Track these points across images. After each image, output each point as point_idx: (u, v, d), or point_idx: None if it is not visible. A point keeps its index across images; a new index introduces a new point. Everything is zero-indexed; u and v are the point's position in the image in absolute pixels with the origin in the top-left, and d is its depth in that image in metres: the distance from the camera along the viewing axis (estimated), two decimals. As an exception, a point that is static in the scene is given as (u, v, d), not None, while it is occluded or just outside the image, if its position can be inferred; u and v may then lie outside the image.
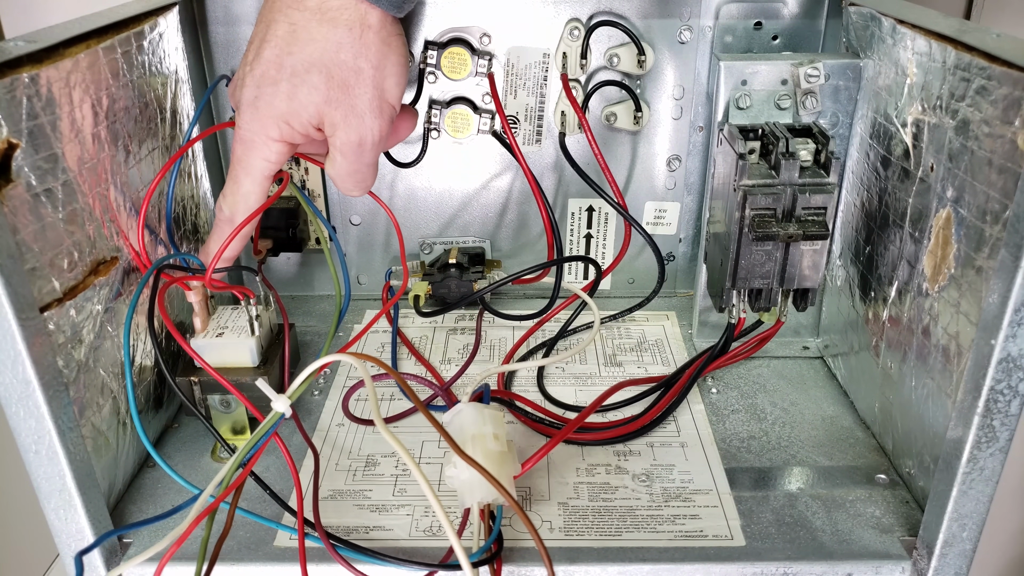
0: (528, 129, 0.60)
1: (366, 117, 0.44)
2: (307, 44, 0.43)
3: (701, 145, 0.61)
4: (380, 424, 0.37)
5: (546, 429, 0.50)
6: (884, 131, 0.47)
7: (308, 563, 0.40)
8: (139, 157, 0.48)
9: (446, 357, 0.59)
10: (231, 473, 0.39)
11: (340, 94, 0.43)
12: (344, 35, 0.43)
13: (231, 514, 0.40)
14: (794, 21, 0.57)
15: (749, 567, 0.41)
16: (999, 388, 0.35)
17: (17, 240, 0.35)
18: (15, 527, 0.86)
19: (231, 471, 0.39)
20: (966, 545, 0.39)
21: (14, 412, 0.37)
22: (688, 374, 0.54)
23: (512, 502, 0.39)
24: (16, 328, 0.35)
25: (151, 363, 0.49)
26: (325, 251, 0.49)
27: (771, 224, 0.46)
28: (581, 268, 0.67)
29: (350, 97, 0.44)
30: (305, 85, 0.43)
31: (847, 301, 0.53)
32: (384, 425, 0.37)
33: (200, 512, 0.37)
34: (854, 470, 0.47)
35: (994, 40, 0.37)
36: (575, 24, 0.56)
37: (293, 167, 0.61)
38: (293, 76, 0.43)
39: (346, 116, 0.44)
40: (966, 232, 0.38)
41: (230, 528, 0.39)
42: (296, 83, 0.43)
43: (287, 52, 0.43)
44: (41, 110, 0.37)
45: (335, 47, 0.43)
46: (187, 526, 0.36)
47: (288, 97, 0.43)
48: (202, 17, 0.57)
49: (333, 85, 0.43)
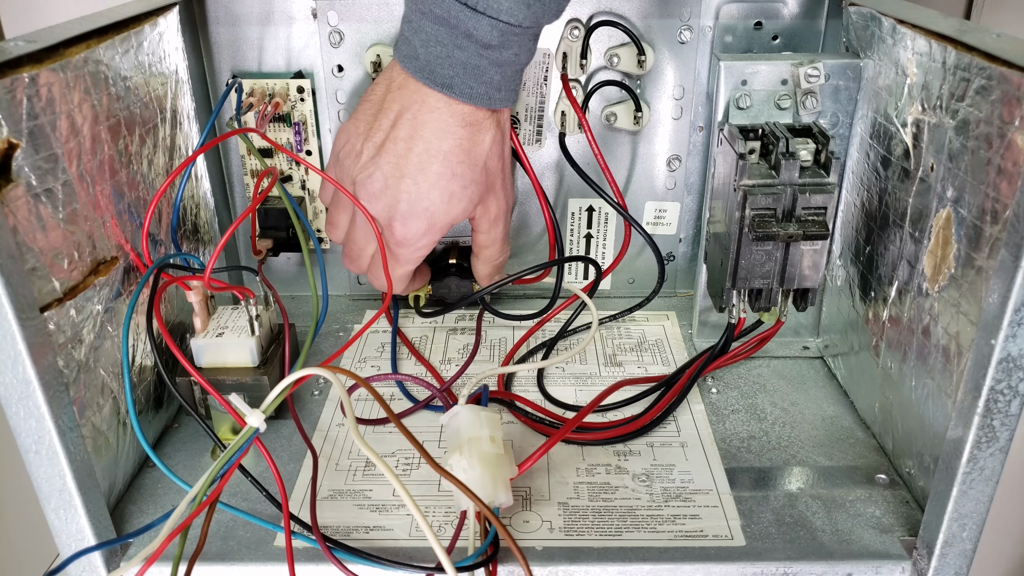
0: (528, 129, 0.60)
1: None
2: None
3: (701, 145, 0.61)
4: (357, 437, 0.36)
5: (546, 429, 0.50)
6: (884, 131, 0.47)
7: (308, 563, 0.40)
8: (139, 157, 0.48)
9: (446, 357, 0.59)
10: (205, 489, 0.38)
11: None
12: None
13: (206, 526, 0.39)
14: (794, 21, 0.57)
15: (749, 567, 0.41)
16: (999, 388, 0.35)
17: (17, 240, 0.35)
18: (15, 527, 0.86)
19: (206, 484, 0.38)
20: (966, 545, 0.39)
21: (14, 412, 0.37)
22: (688, 374, 0.54)
23: (488, 512, 0.39)
24: (16, 328, 0.35)
25: (151, 363, 0.49)
26: (305, 256, 0.49)
27: (771, 224, 0.46)
28: (581, 268, 0.67)
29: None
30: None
31: (847, 301, 0.53)
32: (360, 437, 0.36)
33: (175, 527, 0.36)
34: (854, 470, 0.47)
35: (994, 40, 0.37)
36: (575, 24, 0.56)
37: (293, 167, 0.61)
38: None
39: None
40: (966, 232, 0.38)
41: (205, 541, 0.38)
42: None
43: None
44: (41, 110, 0.37)
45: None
46: (161, 541, 0.36)
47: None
48: (202, 17, 0.57)
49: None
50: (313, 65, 0.59)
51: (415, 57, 0.46)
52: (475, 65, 0.45)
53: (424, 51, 0.46)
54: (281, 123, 0.60)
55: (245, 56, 0.58)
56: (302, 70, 0.59)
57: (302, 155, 0.61)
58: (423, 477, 0.47)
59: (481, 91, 0.47)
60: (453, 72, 0.46)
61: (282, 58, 0.59)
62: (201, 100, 0.57)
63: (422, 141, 0.48)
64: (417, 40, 0.46)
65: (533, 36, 0.47)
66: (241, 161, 0.62)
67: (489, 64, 0.46)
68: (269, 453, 0.42)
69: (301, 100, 0.59)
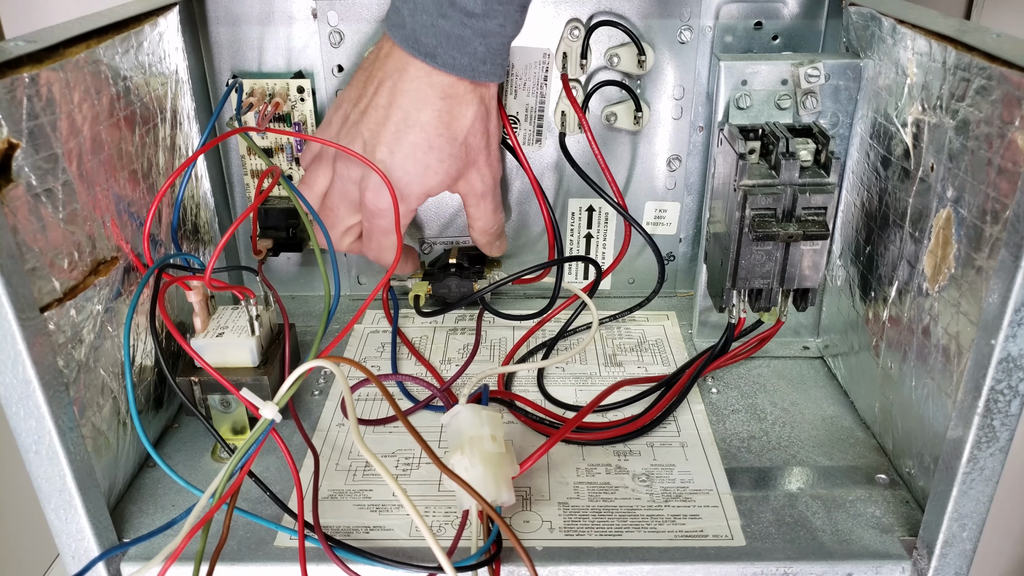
0: (528, 129, 0.60)
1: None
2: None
3: (701, 145, 0.61)
4: (356, 437, 0.37)
5: (546, 429, 0.50)
6: (884, 131, 0.47)
7: (309, 563, 0.40)
8: (139, 157, 0.48)
9: (446, 357, 0.59)
10: (224, 482, 0.39)
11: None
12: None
13: (227, 521, 0.39)
14: (794, 21, 0.57)
15: (749, 567, 0.41)
16: (999, 388, 0.35)
17: (17, 240, 0.35)
18: (15, 527, 0.86)
19: (224, 480, 0.39)
20: (966, 545, 0.39)
21: (14, 412, 0.37)
22: (688, 374, 0.54)
23: (491, 511, 0.39)
24: (16, 328, 0.35)
25: (151, 363, 0.49)
26: (316, 251, 0.49)
27: (771, 224, 0.46)
28: (581, 268, 0.67)
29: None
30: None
31: (847, 301, 0.53)
32: (360, 438, 0.37)
33: (196, 523, 0.37)
34: (854, 470, 0.47)
35: (994, 40, 0.37)
36: (575, 24, 0.56)
37: (293, 167, 0.61)
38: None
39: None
40: (966, 232, 0.38)
41: (227, 536, 0.39)
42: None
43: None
44: (41, 110, 0.37)
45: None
46: (183, 538, 0.36)
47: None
48: (202, 17, 0.57)
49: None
50: (313, 65, 0.59)
51: (402, 26, 0.47)
52: (459, 35, 0.45)
53: (411, 20, 0.46)
54: (281, 123, 0.60)
55: (245, 56, 0.58)
56: (302, 70, 0.59)
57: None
58: (423, 477, 0.47)
59: (464, 62, 0.46)
60: (436, 41, 0.46)
61: (282, 58, 0.59)
62: (201, 100, 0.57)
63: (400, 110, 0.48)
64: (405, 9, 0.46)
65: (519, 7, 0.46)
66: (241, 161, 0.62)
67: (473, 34, 0.45)
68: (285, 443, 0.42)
69: (301, 100, 0.59)
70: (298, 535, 0.40)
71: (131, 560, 0.42)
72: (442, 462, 0.38)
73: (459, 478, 0.39)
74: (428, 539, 0.36)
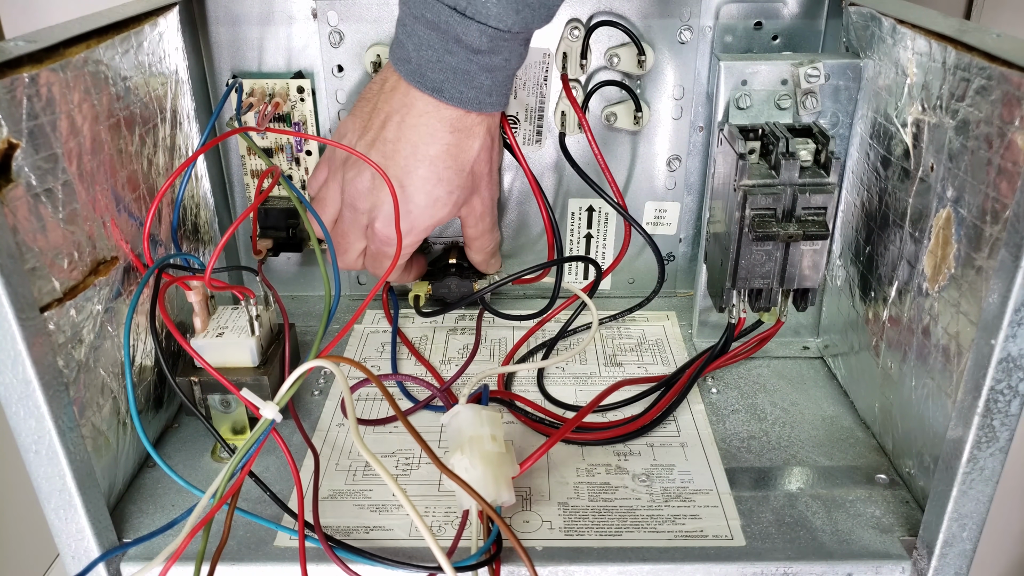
0: (528, 129, 0.60)
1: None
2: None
3: (701, 145, 0.61)
4: (356, 438, 0.37)
5: (546, 429, 0.50)
6: (884, 131, 0.47)
7: (309, 563, 0.40)
8: (139, 157, 0.48)
9: (446, 357, 0.59)
10: (225, 482, 0.39)
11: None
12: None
13: (228, 521, 0.39)
14: (794, 21, 0.57)
15: (749, 567, 0.41)
16: (999, 388, 0.35)
17: (17, 240, 0.35)
18: (15, 527, 0.86)
19: (225, 480, 0.39)
20: (966, 545, 0.39)
21: (14, 412, 0.37)
22: (688, 374, 0.54)
23: (491, 511, 0.39)
24: (16, 328, 0.35)
25: (151, 363, 0.49)
26: (316, 250, 0.49)
27: (771, 224, 0.46)
28: (581, 268, 0.67)
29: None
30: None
31: (847, 301, 0.53)
32: (360, 439, 0.37)
33: (197, 523, 0.37)
34: (854, 470, 0.47)
35: (994, 40, 0.37)
36: (575, 24, 0.56)
37: (293, 167, 0.61)
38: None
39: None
40: (966, 232, 0.38)
41: (228, 536, 0.39)
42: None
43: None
44: (41, 110, 0.37)
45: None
46: (183, 538, 0.36)
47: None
48: (202, 17, 0.57)
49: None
50: (313, 65, 0.59)
51: (407, 60, 0.47)
52: (465, 70, 0.46)
53: (416, 55, 0.46)
54: (281, 123, 0.60)
55: (245, 56, 0.58)
56: (302, 70, 0.59)
57: (302, 154, 0.61)
58: (423, 477, 0.47)
59: (471, 95, 0.47)
60: (443, 76, 0.46)
61: (282, 58, 0.59)
62: (201, 100, 0.57)
63: (409, 144, 0.48)
64: (410, 44, 0.46)
65: (523, 41, 0.47)
66: (241, 161, 0.62)
67: (479, 69, 0.46)
68: (285, 443, 0.42)
69: (301, 100, 0.59)
70: (298, 535, 0.40)
71: (131, 560, 0.42)
72: (442, 462, 0.38)
73: (459, 478, 0.39)
74: (428, 539, 0.36)
